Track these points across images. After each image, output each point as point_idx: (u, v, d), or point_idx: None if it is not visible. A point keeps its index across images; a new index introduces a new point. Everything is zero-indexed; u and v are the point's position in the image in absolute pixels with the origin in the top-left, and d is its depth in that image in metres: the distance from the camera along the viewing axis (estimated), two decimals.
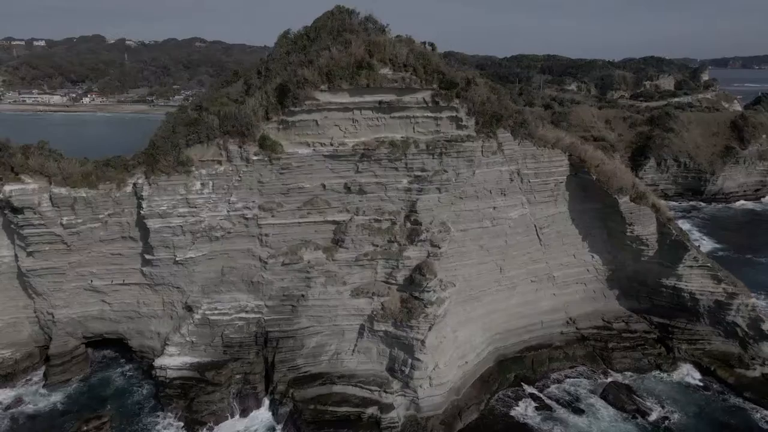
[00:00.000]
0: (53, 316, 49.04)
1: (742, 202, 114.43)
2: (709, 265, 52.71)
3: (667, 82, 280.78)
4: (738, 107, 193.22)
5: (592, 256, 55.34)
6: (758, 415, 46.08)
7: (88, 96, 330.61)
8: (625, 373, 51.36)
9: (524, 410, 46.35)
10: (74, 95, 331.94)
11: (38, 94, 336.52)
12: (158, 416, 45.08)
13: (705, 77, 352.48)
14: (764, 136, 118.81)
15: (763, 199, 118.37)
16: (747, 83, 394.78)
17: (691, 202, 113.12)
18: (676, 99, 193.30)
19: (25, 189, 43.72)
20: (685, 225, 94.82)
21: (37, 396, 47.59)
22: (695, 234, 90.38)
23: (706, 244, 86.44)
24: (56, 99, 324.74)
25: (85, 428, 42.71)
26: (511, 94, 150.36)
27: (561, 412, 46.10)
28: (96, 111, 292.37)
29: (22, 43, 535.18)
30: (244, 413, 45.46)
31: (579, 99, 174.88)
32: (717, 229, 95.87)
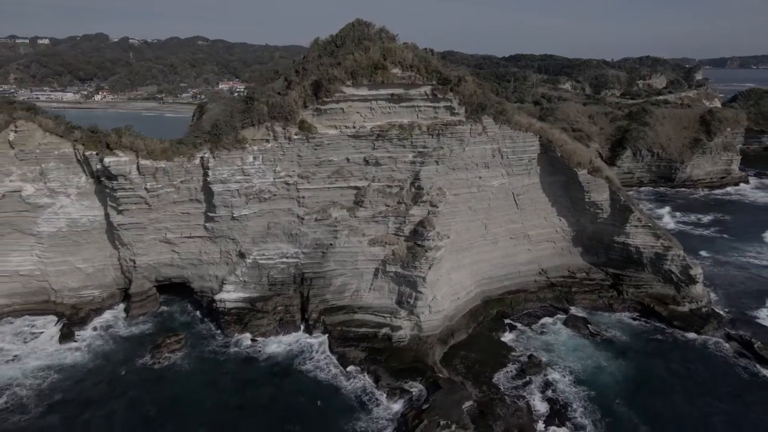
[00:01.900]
0: (135, 263, 62.38)
1: (706, 189, 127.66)
2: (650, 224, 66.23)
3: (659, 82, 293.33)
4: (717, 104, 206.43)
5: (560, 219, 68.76)
6: (682, 339, 59.37)
7: (100, 93, 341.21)
8: (584, 309, 64.80)
9: (502, 333, 59.86)
10: (85, 92, 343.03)
11: (50, 91, 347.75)
12: (220, 336, 58.46)
13: (698, 76, 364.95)
14: (728, 129, 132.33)
15: (727, 188, 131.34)
16: (733, 83, 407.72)
17: (663, 188, 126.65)
18: (661, 97, 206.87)
19: (119, 160, 56.85)
20: (654, 205, 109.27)
21: (122, 324, 60.91)
22: (660, 211, 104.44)
23: (670, 222, 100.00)
24: (69, 96, 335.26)
25: (168, 341, 56.29)
26: (505, 92, 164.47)
27: (530, 333, 59.69)
28: (107, 108, 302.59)
29: (26, 41, 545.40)
30: (286, 333, 58.83)
31: (567, 96, 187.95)
32: (682, 210, 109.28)
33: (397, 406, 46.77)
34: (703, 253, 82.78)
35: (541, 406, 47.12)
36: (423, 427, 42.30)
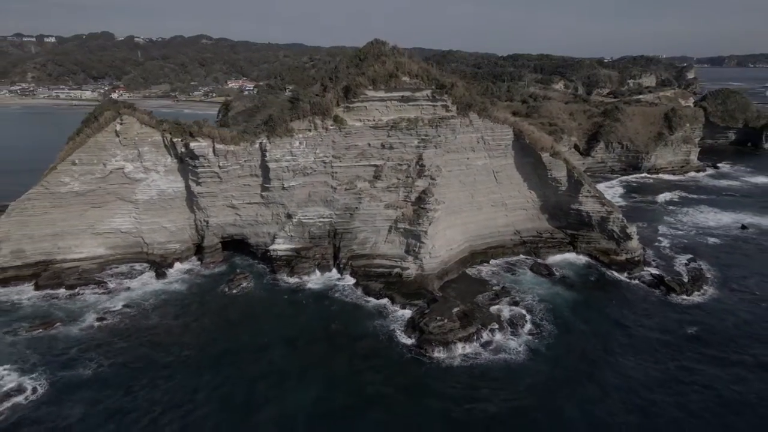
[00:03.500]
0: (207, 223, 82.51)
1: (666, 175, 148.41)
2: (597, 195, 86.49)
3: (649, 81, 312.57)
4: (691, 103, 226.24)
5: (530, 192, 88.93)
6: (616, 278, 79.61)
7: (116, 91, 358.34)
8: (546, 259, 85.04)
9: (482, 273, 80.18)
10: (102, 90, 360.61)
11: (68, 89, 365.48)
12: (273, 275, 78.73)
13: (690, 75, 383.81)
14: (688, 125, 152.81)
15: (684, 175, 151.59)
16: (730, 82, 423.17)
17: (630, 176, 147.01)
18: (641, 96, 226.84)
19: (201, 145, 76.88)
20: (620, 188, 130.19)
21: (200, 268, 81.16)
22: (621, 190, 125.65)
23: (627, 198, 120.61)
24: (88, 94, 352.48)
25: (237, 277, 76.56)
26: (498, 91, 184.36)
27: (503, 274, 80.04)
28: None
29: (33, 39, 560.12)
30: (322, 273, 79.12)
31: (553, 96, 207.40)
32: (642, 192, 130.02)
33: (407, 313, 67.16)
34: (650, 221, 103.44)
35: (508, 313, 67.49)
36: (425, 322, 62.59)
